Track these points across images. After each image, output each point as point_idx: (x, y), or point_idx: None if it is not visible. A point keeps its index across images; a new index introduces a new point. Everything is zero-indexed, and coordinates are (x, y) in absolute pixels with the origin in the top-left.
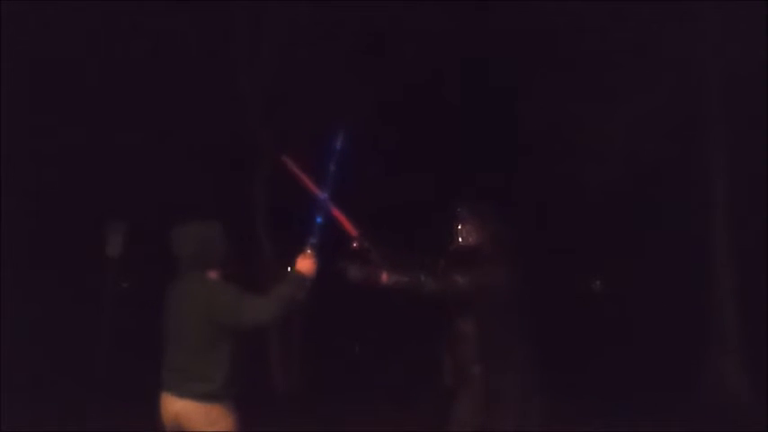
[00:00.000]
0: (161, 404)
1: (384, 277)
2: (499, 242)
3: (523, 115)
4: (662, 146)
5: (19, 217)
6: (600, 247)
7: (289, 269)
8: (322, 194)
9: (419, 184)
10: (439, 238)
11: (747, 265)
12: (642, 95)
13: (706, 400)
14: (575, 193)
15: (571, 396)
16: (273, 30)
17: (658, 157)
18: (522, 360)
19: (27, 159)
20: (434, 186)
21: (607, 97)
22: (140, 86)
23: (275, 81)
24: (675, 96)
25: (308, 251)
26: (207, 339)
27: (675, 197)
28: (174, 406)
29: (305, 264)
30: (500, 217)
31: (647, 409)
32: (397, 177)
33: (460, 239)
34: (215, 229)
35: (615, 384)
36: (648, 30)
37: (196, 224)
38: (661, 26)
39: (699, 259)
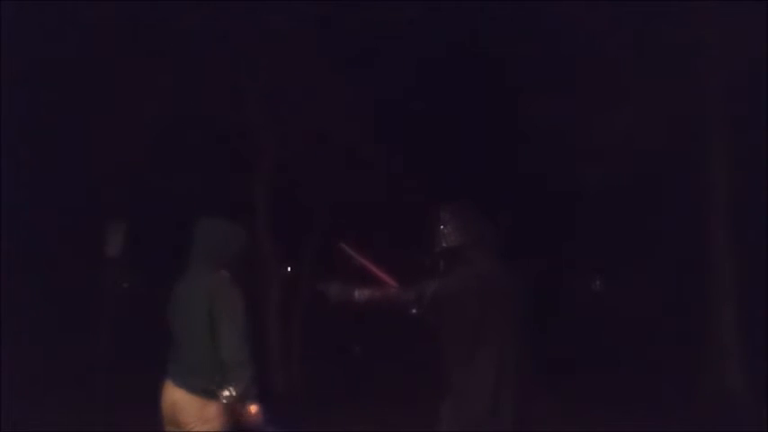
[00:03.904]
0: (162, 392)
1: (356, 294)
2: (480, 243)
3: (523, 115)
4: (662, 145)
5: (19, 217)
6: (600, 247)
7: (289, 269)
8: (385, 276)
9: (418, 184)
10: (439, 238)
11: (747, 265)
12: (642, 95)
13: (706, 400)
14: (575, 193)
15: (571, 396)
16: (274, 29)
17: (659, 157)
18: (496, 361)
19: (27, 159)
20: (433, 187)
21: (607, 97)
22: (140, 86)
23: (276, 80)
24: (675, 96)
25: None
26: (211, 335)
27: (675, 196)
28: (174, 395)
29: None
30: (482, 217)
31: (648, 409)
32: (396, 177)
33: (443, 242)
34: (237, 231)
35: (615, 384)
36: (649, 30)
37: (220, 220)
38: (661, 26)
39: (699, 259)
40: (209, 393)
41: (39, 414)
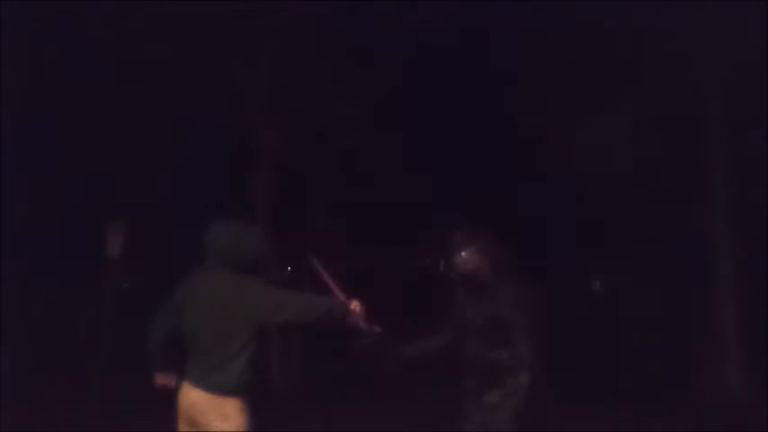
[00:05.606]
0: (179, 393)
1: (404, 353)
2: (497, 265)
3: (524, 115)
4: (662, 146)
5: (19, 217)
6: (600, 247)
7: (289, 268)
8: (346, 297)
9: (419, 184)
10: (439, 238)
11: (747, 265)
12: (642, 95)
13: (706, 400)
14: (575, 193)
15: (571, 396)
16: (274, 29)
17: (658, 157)
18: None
19: (27, 159)
20: (434, 187)
21: (607, 97)
22: (141, 86)
23: (276, 80)
24: (675, 96)
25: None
26: (235, 335)
27: (675, 197)
28: (190, 396)
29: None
30: (496, 240)
31: (647, 409)
32: (397, 177)
33: (460, 266)
34: (254, 236)
35: (615, 384)
36: (648, 30)
37: (238, 224)
38: (661, 26)
39: (699, 259)
40: (228, 391)
41: (39, 414)
